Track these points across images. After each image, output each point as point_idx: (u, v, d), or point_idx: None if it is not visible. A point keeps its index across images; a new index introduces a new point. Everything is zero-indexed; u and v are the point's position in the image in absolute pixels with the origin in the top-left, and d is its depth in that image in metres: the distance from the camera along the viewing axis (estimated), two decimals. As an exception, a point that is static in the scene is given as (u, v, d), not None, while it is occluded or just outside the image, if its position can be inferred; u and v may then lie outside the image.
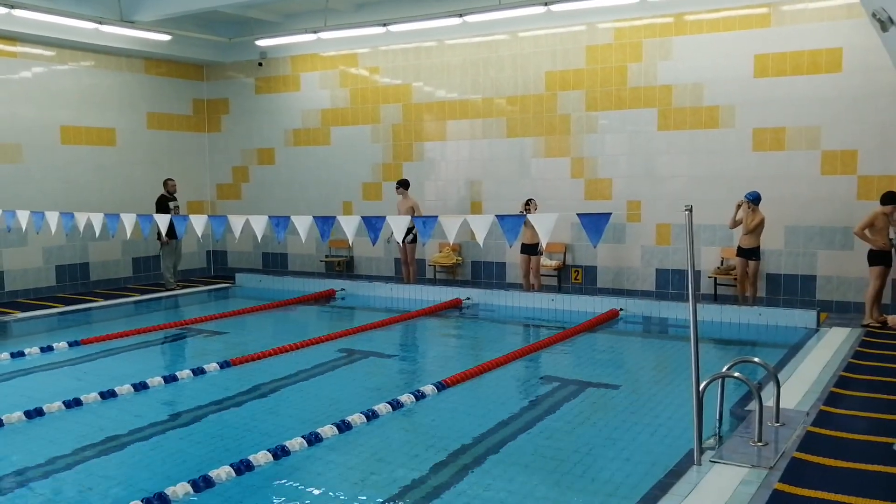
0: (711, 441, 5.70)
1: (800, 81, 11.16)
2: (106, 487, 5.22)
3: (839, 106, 10.94)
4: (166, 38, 14.30)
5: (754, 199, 10.78)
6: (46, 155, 13.79)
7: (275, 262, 16.36)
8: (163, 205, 13.98)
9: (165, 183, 14.35)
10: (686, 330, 9.81)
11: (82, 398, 7.12)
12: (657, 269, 12.41)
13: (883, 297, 10.33)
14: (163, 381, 7.81)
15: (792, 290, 11.45)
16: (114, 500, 4.94)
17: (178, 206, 14.19)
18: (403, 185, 13.47)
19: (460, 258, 14.09)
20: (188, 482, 5.04)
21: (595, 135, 12.71)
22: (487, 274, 13.91)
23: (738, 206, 10.92)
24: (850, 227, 10.60)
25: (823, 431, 5.92)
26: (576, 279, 13.07)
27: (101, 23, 13.00)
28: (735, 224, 11.07)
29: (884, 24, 7.75)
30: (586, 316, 11.18)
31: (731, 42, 11.55)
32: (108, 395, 7.32)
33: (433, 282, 13.97)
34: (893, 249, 9.99)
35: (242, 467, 5.36)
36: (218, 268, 17.05)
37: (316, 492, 5.11)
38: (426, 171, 14.39)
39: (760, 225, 10.82)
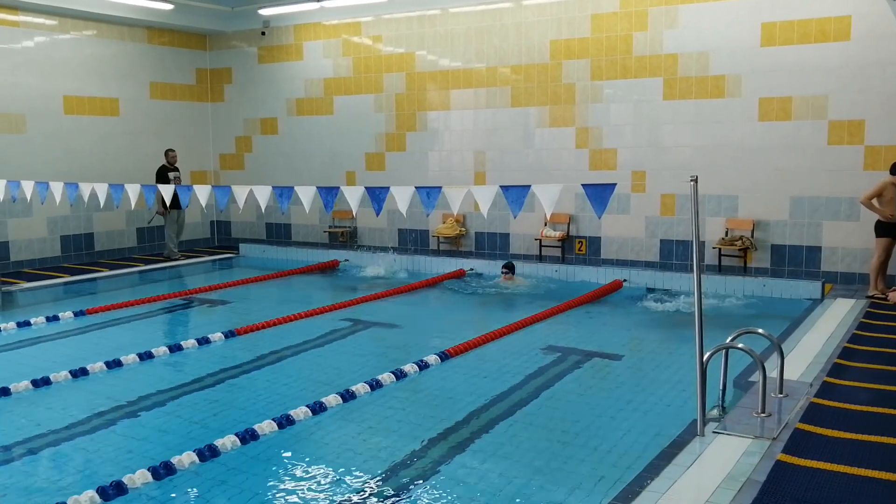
0: (715, 412, 5.72)
1: (807, 50, 11.02)
2: (112, 456, 5.27)
3: (847, 75, 10.81)
4: (168, 7, 14.17)
5: None
6: (50, 125, 13.74)
7: (278, 233, 16.35)
8: (163, 175, 13.99)
9: (166, 153, 14.34)
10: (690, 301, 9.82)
11: (88, 368, 7.18)
12: (661, 240, 12.37)
13: (889, 269, 10.30)
14: (168, 351, 7.86)
15: (797, 261, 11.42)
16: (120, 469, 4.98)
17: (178, 177, 14.18)
18: None
19: (464, 229, 14.06)
20: (194, 451, 5.09)
21: (600, 104, 12.61)
22: (491, 245, 13.89)
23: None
24: (856, 197, 10.53)
25: (827, 402, 5.94)
26: (579, 250, 13.05)
27: (102, -9, 12.92)
28: None
29: (894, -9, 7.64)
30: (590, 287, 11.19)
31: (738, 10, 11.40)
32: (113, 364, 7.37)
33: (437, 252, 13.96)
34: None
35: (248, 437, 5.40)
36: (222, 238, 17.06)
37: (321, 461, 5.15)
38: (430, 140, 14.30)
39: None
